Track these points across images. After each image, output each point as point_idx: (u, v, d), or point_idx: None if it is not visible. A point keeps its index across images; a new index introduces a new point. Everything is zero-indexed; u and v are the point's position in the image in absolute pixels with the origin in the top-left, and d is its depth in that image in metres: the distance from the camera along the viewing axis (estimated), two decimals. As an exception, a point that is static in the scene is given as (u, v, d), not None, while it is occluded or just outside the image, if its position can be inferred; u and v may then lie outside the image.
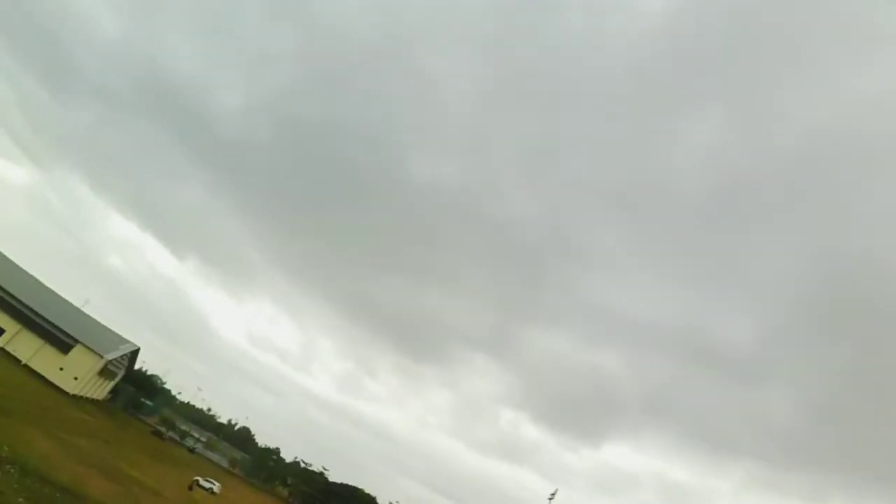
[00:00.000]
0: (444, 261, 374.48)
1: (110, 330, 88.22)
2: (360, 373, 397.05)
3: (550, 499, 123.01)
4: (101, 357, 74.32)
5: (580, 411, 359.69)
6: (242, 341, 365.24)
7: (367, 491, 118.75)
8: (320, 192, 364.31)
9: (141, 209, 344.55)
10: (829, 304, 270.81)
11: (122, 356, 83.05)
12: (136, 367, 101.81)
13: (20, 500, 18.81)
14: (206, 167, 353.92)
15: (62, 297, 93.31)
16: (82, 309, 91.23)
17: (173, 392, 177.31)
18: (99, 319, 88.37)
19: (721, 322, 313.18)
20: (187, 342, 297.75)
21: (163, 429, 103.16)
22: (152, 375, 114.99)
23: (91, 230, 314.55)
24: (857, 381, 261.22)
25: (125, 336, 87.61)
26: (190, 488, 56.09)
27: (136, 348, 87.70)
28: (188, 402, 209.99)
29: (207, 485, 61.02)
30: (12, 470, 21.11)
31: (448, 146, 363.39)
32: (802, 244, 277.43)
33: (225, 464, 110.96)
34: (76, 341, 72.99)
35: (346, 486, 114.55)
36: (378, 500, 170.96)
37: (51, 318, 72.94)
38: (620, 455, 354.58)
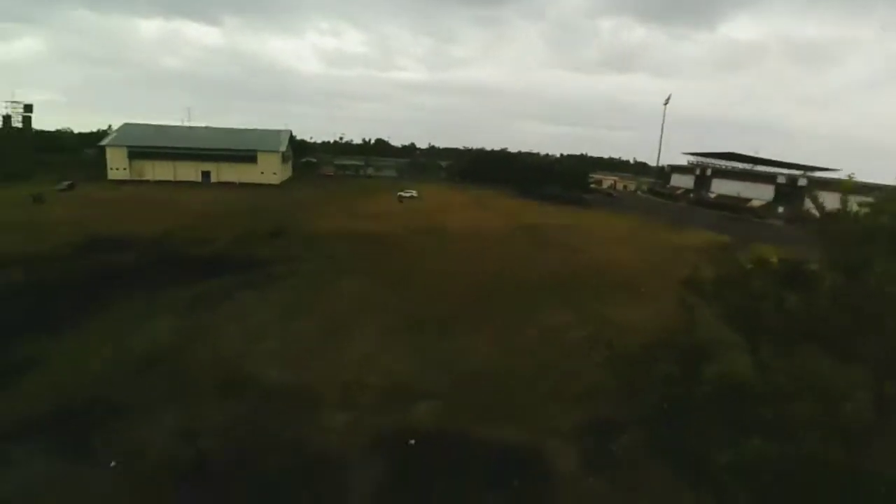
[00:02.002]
0: None
1: (260, 129, 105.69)
2: (442, 44, 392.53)
3: (665, 103, 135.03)
4: (278, 151, 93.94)
5: None
6: (322, 69, 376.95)
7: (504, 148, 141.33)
8: None
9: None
10: None
11: (287, 142, 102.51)
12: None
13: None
14: None
15: (203, 126, 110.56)
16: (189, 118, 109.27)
17: (307, 139, 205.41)
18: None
19: None
20: (275, 94, 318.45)
21: (328, 173, 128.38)
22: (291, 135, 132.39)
23: (120, 52, 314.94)
24: None
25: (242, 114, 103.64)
26: (400, 201, 77.82)
27: (290, 131, 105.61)
28: (323, 142, 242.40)
29: (408, 194, 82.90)
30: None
31: None
32: None
33: (394, 174, 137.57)
34: (254, 151, 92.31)
35: (491, 151, 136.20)
36: (509, 149, 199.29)
37: (225, 147, 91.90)
38: (739, 28, 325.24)
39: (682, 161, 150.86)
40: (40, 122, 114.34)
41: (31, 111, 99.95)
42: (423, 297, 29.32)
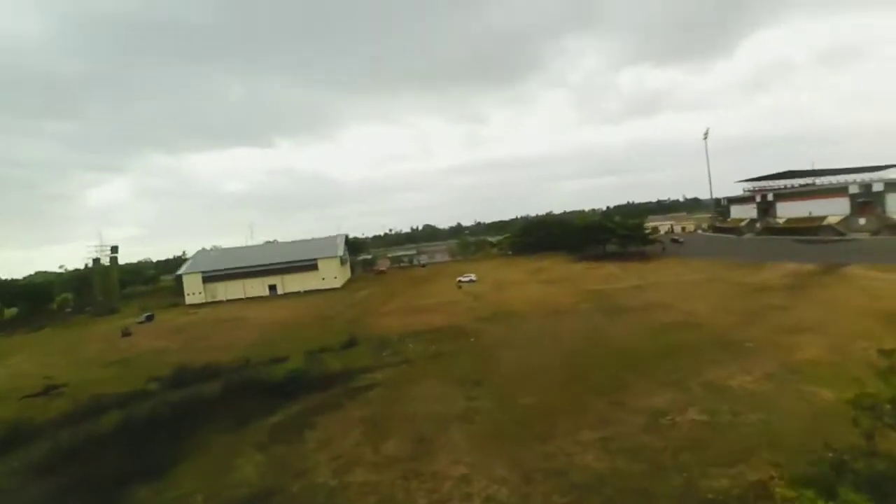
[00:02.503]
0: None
1: (317, 238, 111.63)
2: (476, 127, 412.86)
3: (705, 138, 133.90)
4: (336, 256, 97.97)
5: (694, 19, 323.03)
6: (366, 170, 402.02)
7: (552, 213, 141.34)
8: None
9: (208, 134, 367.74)
10: None
11: (343, 245, 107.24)
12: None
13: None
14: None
15: (265, 243, 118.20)
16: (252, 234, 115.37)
17: (359, 236, 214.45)
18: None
19: None
20: (327, 199, 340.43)
21: (382, 268, 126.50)
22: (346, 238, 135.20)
23: (189, 185, 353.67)
24: None
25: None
26: (459, 287, 77.41)
27: (345, 235, 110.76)
28: (374, 236, 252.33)
29: (467, 279, 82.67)
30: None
31: None
32: None
33: (447, 257, 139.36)
34: (314, 259, 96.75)
35: (537, 217, 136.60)
36: (554, 212, 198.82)
37: (288, 259, 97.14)
38: (756, 47, 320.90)
39: (736, 190, 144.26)
40: (124, 256, 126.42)
41: (116, 251, 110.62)
42: (506, 394, 27.60)
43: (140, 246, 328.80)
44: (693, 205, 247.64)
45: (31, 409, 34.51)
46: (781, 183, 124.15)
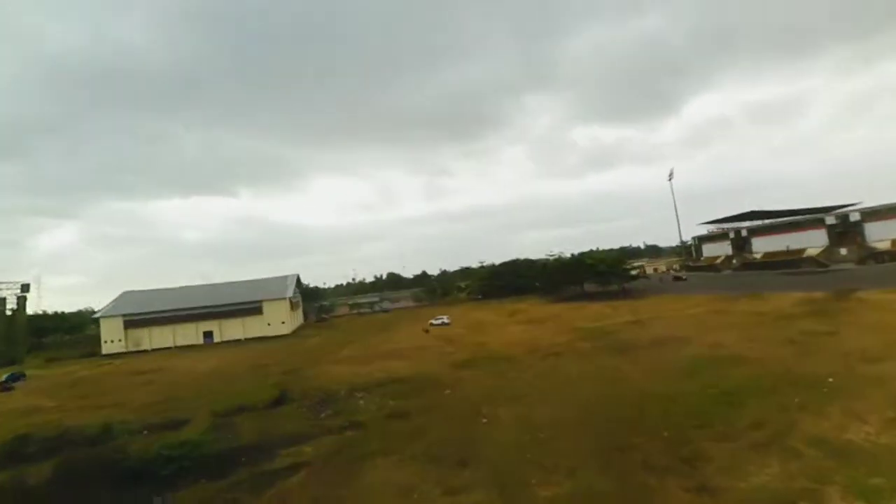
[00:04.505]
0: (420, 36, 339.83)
1: (264, 278, 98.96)
2: (436, 177, 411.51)
3: (670, 179, 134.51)
4: (285, 298, 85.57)
5: (639, 85, 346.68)
6: (329, 220, 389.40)
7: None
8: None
9: (167, 182, 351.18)
10: None
11: (295, 287, 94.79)
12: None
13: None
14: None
15: (204, 284, 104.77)
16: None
17: (320, 286, 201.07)
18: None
19: None
20: (289, 249, 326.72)
21: (326, 317, 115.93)
22: (304, 285, 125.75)
23: (147, 232, 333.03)
24: None
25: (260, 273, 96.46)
26: (426, 331, 66.98)
27: (297, 275, 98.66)
28: (337, 285, 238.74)
29: (439, 321, 72.48)
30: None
31: None
32: None
33: (412, 303, 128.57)
34: (259, 302, 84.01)
35: (505, 263, 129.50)
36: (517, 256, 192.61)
37: (228, 301, 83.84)
38: (707, 105, 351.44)
39: (698, 233, 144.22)
40: (67, 305, 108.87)
41: (27, 290, 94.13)
42: (512, 480, 17.07)
43: (87, 294, 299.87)
44: (654, 252, 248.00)
45: None
46: (745, 224, 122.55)
